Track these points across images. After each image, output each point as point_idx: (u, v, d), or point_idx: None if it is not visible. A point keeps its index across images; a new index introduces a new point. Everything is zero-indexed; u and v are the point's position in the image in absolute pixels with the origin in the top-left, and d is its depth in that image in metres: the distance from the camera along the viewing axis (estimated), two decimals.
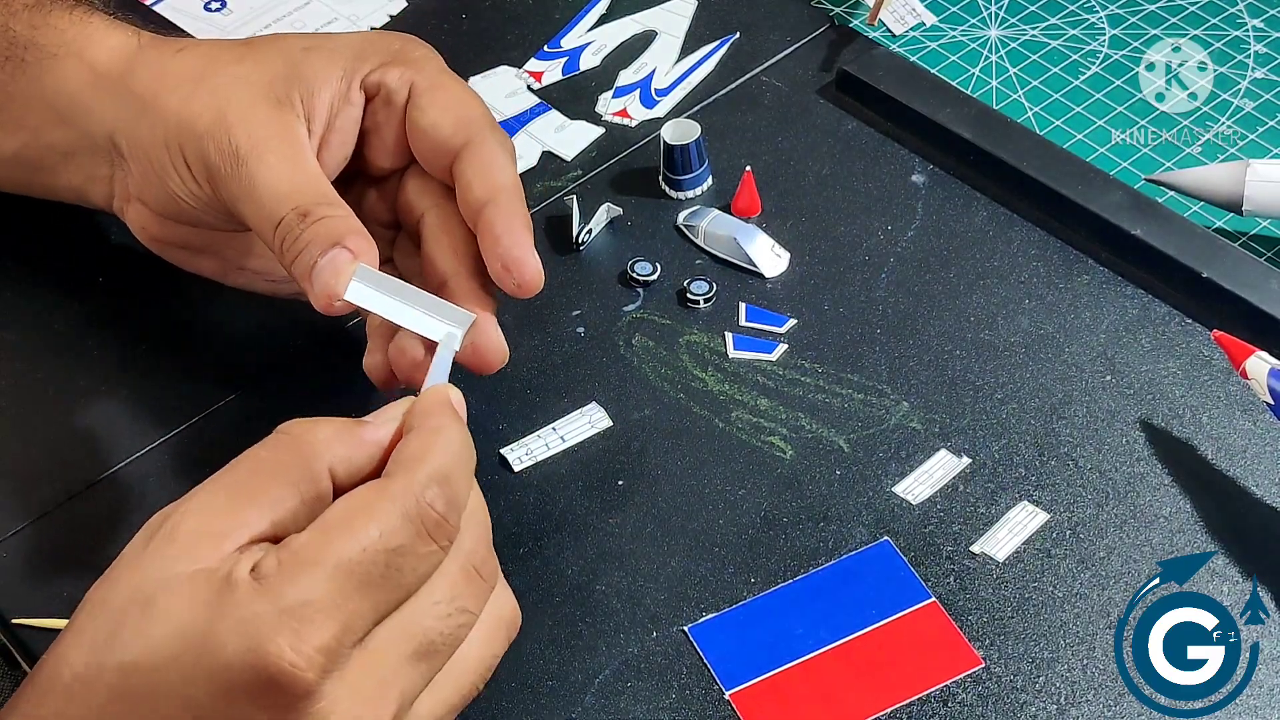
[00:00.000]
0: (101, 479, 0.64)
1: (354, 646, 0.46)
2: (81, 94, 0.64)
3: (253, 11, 0.85)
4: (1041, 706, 0.55)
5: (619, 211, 0.72)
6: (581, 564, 0.60)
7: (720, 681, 0.57)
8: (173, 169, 0.60)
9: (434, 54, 0.63)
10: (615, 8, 0.83)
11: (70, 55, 0.64)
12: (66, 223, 0.71)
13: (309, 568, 0.46)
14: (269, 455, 0.49)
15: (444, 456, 0.49)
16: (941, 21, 0.81)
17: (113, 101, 0.63)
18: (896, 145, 0.75)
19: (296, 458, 0.49)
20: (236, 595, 0.45)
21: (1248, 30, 0.79)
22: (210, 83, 0.60)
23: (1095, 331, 0.66)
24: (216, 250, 0.65)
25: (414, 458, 0.49)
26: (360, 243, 0.56)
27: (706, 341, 0.67)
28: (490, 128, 0.61)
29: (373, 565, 0.46)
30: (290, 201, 0.57)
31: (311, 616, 0.45)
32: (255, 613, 0.45)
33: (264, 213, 0.58)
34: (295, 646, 0.45)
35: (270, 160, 0.58)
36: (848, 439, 0.64)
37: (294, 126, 0.60)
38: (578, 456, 0.64)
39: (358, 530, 0.46)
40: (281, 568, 0.46)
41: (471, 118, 0.61)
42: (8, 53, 0.65)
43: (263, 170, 0.58)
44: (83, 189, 0.66)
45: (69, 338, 0.70)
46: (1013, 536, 0.60)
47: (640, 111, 0.78)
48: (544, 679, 0.57)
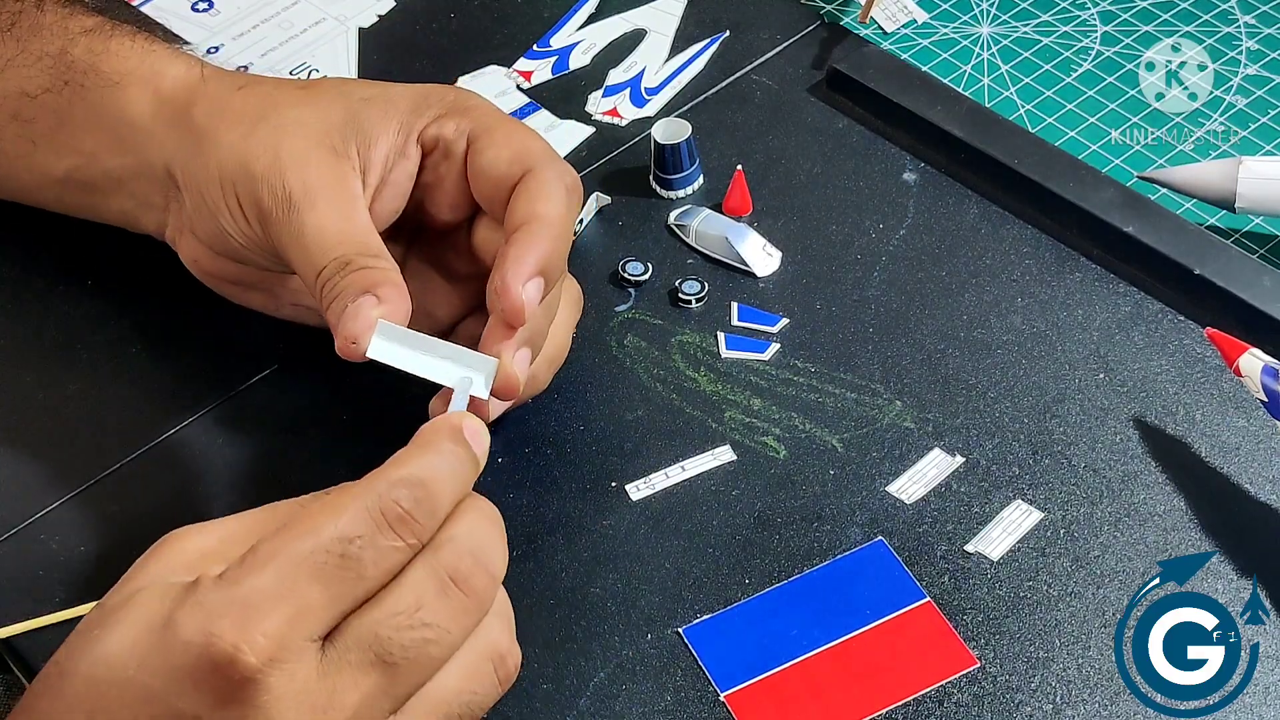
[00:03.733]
0: (93, 482, 0.64)
1: (307, 640, 0.46)
2: (144, 122, 0.64)
3: (240, 11, 0.84)
4: (1037, 706, 0.55)
5: (608, 200, 0.72)
6: (576, 566, 0.60)
7: (715, 683, 0.57)
8: (225, 207, 0.60)
9: (489, 103, 0.63)
10: (604, 6, 0.83)
11: (135, 83, 0.65)
12: (63, 227, 0.71)
13: (266, 559, 0.46)
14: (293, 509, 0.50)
15: (420, 464, 0.49)
16: (933, 19, 0.81)
17: (173, 132, 0.63)
18: (888, 143, 0.75)
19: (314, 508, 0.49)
20: (198, 589, 0.47)
21: (1239, 27, 0.79)
22: (269, 123, 0.60)
23: (1088, 329, 0.66)
24: (268, 288, 0.65)
25: (390, 464, 0.49)
26: (390, 292, 0.57)
27: (699, 341, 0.67)
28: (549, 160, 0.60)
29: (327, 555, 0.47)
30: (335, 251, 0.58)
31: (259, 603, 0.45)
32: (210, 600, 0.46)
33: (309, 259, 0.58)
34: (242, 630, 0.45)
35: (321, 208, 0.58)
36: (841, 438, 0.63)
37: (349, 177, 0.60)
38: (571, 458, 0.63)
39: (318, 524, 0.47)
40: (243, 562, 0.47)
41: (530, 150, 0.60)
42: (66, 77, 0.66)
43: (313, 218, 0.58)
44: (134, 214, 0.67)
45: (58, 340, 0.69)
46: (1007, 535, 0.60)
47: (630, 110, 0.78)
48: (539, 682, 0.57)
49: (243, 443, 0.65)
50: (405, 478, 0.48)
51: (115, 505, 0.63)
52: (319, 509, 0.48)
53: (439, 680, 0.49)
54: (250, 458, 0.64)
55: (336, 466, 0.60)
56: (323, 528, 0.47)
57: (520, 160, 0.60)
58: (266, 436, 0.65)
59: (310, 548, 0.47)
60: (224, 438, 0.65)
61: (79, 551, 0.62)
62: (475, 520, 0.50)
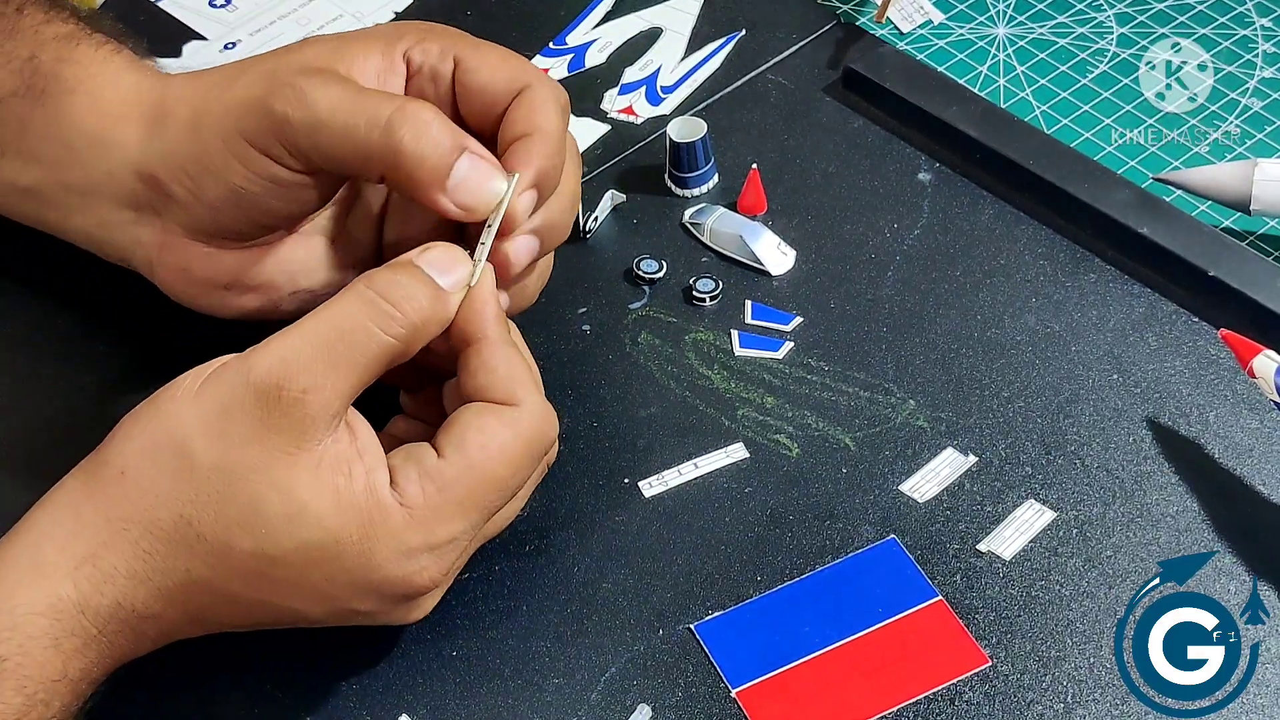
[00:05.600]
0: None
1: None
2: (99, 131, 0.62)
3: (258, 7, 0.85)
4: (1048, 705, 0.55)
5: (623, 198, 0.72)
6: (588, 562, 0.60)
7: (726, 679, 0.57)
8: (234, 158, 0.58)
9: (464, 31, 0.63)
10: (621, 4, 0.83)
11: (90, 91, 0.63)
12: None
13: (453, 508, 0.53)
14: (348, 310, 0.54)
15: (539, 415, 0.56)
16: (949, 19, 0.81)
17: (142, 127, 0.62)
18: (903, 143, 0.75)
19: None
20: (390, 524, 0.52)
21: (1256, 29, 0.79)
22: (254, 69, 0.60)
23: (1102, 330, 0.66)
24: (266, 278, 0.63)
25: (527, 400, 0.55)
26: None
27: (712, 339, 0.67)
28: (541, 78, 0.60)
29: (500, 498, 0.55)
30: (371, 106, 0.57)
31: (452, 550, 0.54)
32: (411, 546, 0.53)
33: (351, 116, 0.57)
34: (440, 571, 0.54)
35: (332, 78, 0.58)
36: (854, 437, 0.63)
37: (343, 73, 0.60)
38: (584, 454, 0.64)
39: (497, 473, 0.54)
40: (427, 501, 0.53)
41: (524, 68, 0.60)
42: (30, 81, 0.64)
43: (331, 86, 0.57)
44: (96, 236, 0.64)
45: (72, 335, 0.70)
46: (1019, 535, 0.60)
47: (646, 109, 0.78)
48: (550, 676, 0.57)
49: None
50: (551, 420, 0.57)
51: None
52: (490, 452, 0.54)
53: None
54: None
55: None
56: (500, 478, 0.54)
57: (516, 79, 0.60)
58: None
59: (491, 499, 0.54)
60: None
61: None
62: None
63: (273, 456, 0.52)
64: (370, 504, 0.52)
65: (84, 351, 0.69)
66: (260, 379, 0.52)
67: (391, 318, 0.53)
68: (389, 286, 0.54)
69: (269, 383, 0.52)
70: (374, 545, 0.52)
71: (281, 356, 0.52)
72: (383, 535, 0.52)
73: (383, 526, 0.52)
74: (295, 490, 0.52)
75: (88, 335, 0.70)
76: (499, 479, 0.54)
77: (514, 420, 0.54)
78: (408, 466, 0.53)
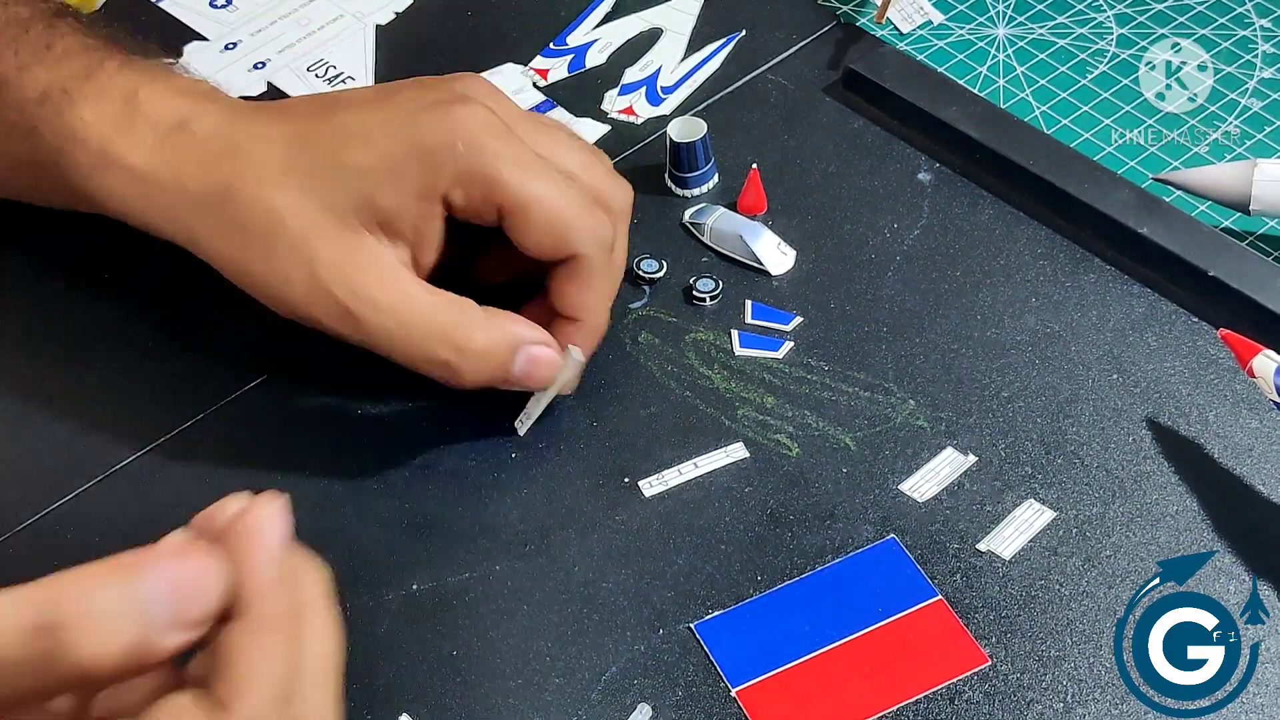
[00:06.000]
0: (103, 477, 0.64)
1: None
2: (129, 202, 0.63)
3: (258, 8, 0.85)
4: (1048, 705, 0.55)
5: None
6: (588, 561, 0.60)
7: (727, 679, 0.57)
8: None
9: (496, 142, 0.61)
10: (621, 5, 0.83)
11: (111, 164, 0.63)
12: (72, 219, 0.71)
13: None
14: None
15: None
16: (949, 20, 0.81)
17: (168, 211, 0.63)
18: (903, 144, 0.75)
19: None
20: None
21: (1255, 30, 0.79)
22: (281, 240, 0.60)
23: (1102, 330, 0.66)
24: None
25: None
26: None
27: (712, 339, 0.67)
28: (586, 242, 0.62)
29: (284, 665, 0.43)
30: (431, 338, 0.60)
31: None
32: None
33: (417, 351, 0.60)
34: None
35: (385, 311, 0.60)
36: (854, 437, 0.64)
37: (384, 254, 0.60)
38: (584, 454, 0.64)
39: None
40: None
41: (569, 231, 0.61)
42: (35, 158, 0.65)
43: (380, 319, 0.60)
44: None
45: (75, 335, 0.70)
46: (1019, 534, 0.60)
47: (646, 109, 0.78)
48: (550, 676, 0.57)
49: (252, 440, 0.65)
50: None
51: (132, 497, 0.64)
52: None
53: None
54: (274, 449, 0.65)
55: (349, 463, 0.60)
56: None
57: (560, 246, 0.61)
58: (272, 436, 0.65)
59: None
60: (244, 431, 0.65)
61: (94, 542, 0.62)
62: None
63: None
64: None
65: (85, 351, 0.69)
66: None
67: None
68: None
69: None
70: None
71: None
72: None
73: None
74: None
75: (88, 335, 0.70)
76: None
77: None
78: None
